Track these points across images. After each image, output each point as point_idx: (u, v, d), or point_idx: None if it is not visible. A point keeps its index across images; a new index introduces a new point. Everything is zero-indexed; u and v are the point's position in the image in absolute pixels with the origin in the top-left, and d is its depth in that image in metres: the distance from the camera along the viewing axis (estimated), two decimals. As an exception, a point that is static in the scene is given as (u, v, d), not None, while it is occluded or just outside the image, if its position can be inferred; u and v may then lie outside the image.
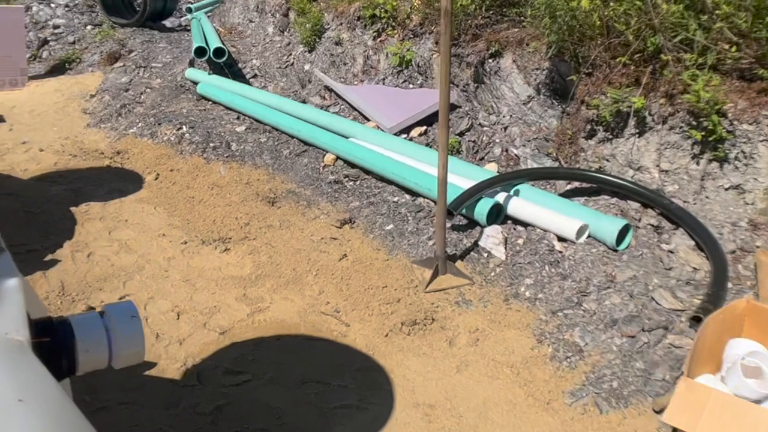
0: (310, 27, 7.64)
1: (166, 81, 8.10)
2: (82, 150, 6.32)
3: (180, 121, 6.52)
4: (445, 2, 2.82)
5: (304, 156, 5.60)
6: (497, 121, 5.12)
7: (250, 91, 7.06)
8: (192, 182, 5.38)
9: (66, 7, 10.44)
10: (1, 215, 4.63)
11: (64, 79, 9.11)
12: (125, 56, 9.01)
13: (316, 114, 6.03)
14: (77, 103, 8.10)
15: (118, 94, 7.84)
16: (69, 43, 9.88)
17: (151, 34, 10.11)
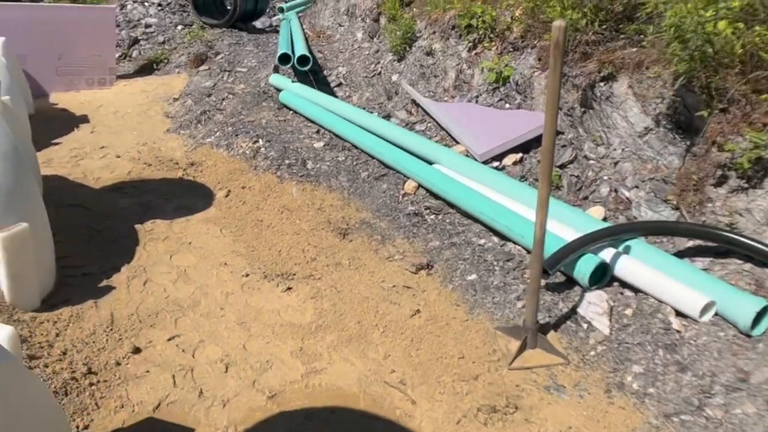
0: (400, 35, 7.24)
1: (250, 86, 7.90)
2: (158, 159, 6.15)
3: (257, 133, 6.26)
4: (556, 33, 2.31)
5: (383, 180, 5.19)
6: (606, 155, 4.53)
7: (332, 102, 6.72)
8: (262, 203, 5.08)
9: (159, 6, 10.49)
10: (65, 231, 4.46)
11: (151, 80, 9.11)
12: (211, 59, 8.90)
13: (399, 133, 5.61)
14: (160, 106, 8.02)
15: (201, 99, 7.70)
16: (159, 43, 9.90)
17: (239, 35, 10.00)
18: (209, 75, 8.45)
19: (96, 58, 8.76)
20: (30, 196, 3.65)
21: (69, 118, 7.74)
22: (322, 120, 6.47)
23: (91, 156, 6.24)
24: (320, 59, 8.56)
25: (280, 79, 7.75)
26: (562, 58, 2.44)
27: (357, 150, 5.79)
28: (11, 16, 8.30)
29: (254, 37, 10.15)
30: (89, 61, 8.75)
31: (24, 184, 3.58)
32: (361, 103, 7.24)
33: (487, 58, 5.99)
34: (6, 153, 3.50)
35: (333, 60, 8.47)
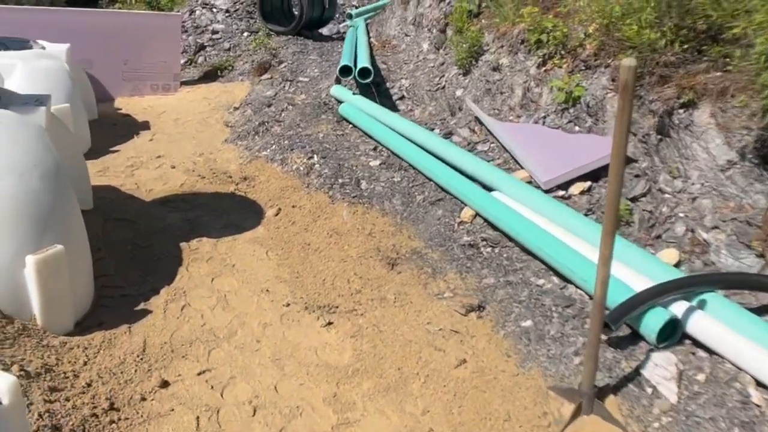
0: (466, 47, 6.97)
1: (310, 97, 7.79)
2: (212, 171, 6.09)
3: (313, 148, 6.11)
4: (625, 73, 2.02)
5: (438, 206, 4.94)
6: (683, 189, 4.15)
7: (391, 117, 6.52)
8: (312, 224, 4.91)
9: (226, 12, 10.54)
10: (108, 246, 4.41)
11: (214, 87, 9.14)
12: (274, 67, 8.84)
13: (458, 155, 5.34)
14: (221, 114, 8.00)
15: (261, 108, 7.63)
16: (224, 49, 9.93)
17: (304, 43, 9.93)
18: (271, 84, 8.39)
19: (161, 64, 8.84)
20: (69, 215, 3.57)
21: (131, 124, 7.81)
22: (379, 136, 6.27)
23: (147, 166, 6.23)
24: (384, 70, 8.39)
25: (342, 91, 7.60)
26: (632, 102, 2.15)
27: (414, 170, 5.56)
28: (81, 21, 8.46)
29: (319, 45, 10.07)
30: (154, 67, 8.84)
31: (64, 204, 3.51)
32: (423, 118, 7.01)
33: (556, 76, 5.67)
34: (47, 171, 3.43)
35: (396, 72, 8.28)
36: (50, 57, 6.49)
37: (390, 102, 7.59)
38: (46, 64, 6.30)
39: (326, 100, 7.66)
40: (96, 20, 8.59)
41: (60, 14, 8.74)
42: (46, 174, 3.41)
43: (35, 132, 3.57)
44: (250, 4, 10.87)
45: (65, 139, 4.47)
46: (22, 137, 3.45)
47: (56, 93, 6.05)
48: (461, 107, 6.81)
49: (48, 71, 6.22)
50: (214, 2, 10.76)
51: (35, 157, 3.41)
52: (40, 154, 3.48)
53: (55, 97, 6.00)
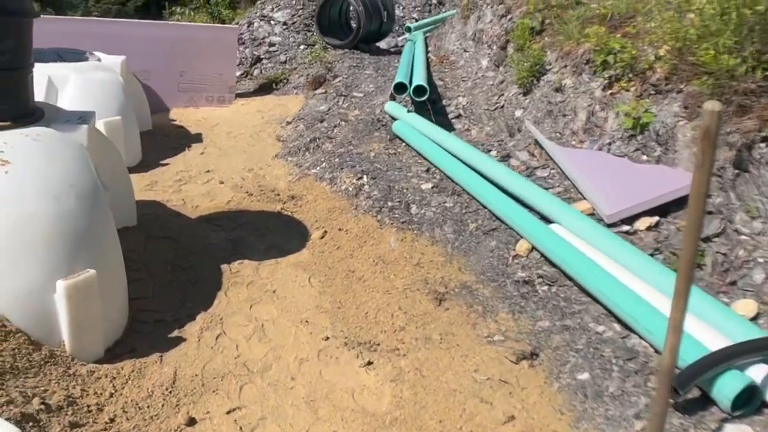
0: (528, 66, 6.71)
1: (364, 113, 7.64)
2: (260, 188, 5.98)
3: (363, 168, 5.93)
4: (708, 119, 1.75)
5: (492, 236, 4.68)
6: (763, 231, 3.80)
7: (445, 137, 6.29)
8: (357, 250, 4.73)
9: (284, 25, 10.52)
10: (148, 266, 4.31)
11: (268, 100, 9.09)
12: (329, 81, 8.74)
13: (515, 182, 5.08)
14: (273, 128, 7.93)
15: (313, 124, 7.52)
16: (280, 62, 9.90)
17: (360, 57, 9.82)
18: (325, 99, 8.28)
19: (217, 76, 8.85)
20: (105, 237, 3.47)
21: (183, 136, 7.81)
22: (432, 157, 6.06)
23: (195, 180, 6.17)
24: (440, 87, 8.18)
25: (396, 108, 7.43)
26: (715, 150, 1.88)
27: (467, 196, 5.32)
28: (140, 32, 8.54)
29: (376, 60, 9.94)
30: (210, 79, 8.86)
31: (100, 225, 3.42)
32: (480, 138, 6.76)
33: (623, 100, 5.35)
34: (84, 192, 3.34)
35: (454, 89, 8.06)
36: (105, 69, 6.51)
37: (446, 120, 7.38)
38: (100, 76, 6.32)
39: (380, 117, 7.49)
40: (155, 32, 8.66)
41: (120, 26, 8.84)
42: (83, 195, 3.32)
43: (75, 151, 3.49)
44: (308, 16, 10.84)
45: (110, 156, 4.41)
46: (61, 157, 3.37)
47: (109, 105, 6.08)
48: (520, 129, 6.54)
49: (102, 83, 6.24)
50: (272, 14, 10.77)
51: (73, 178, 3.33)
52: (79, 174, 3.39)
53: (107, 110, 6.03)
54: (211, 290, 4.20)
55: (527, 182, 5.12)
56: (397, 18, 13.99)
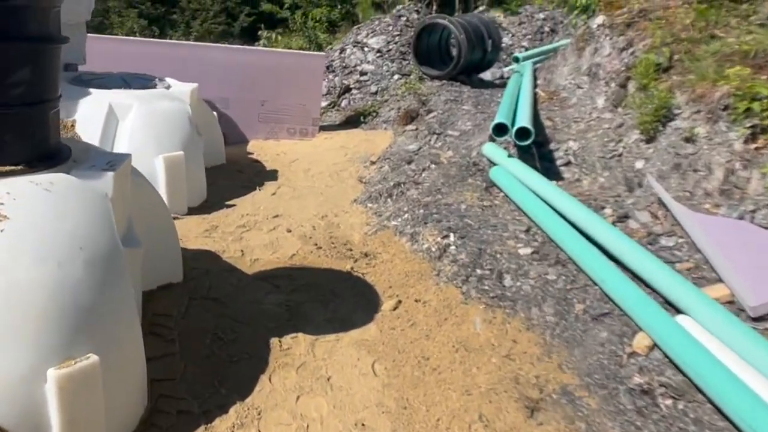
0: (652, 109, 5.90)
1: (458, 155, 7.00)
2: (331, 239, 5.44)
3: (451, 223, 5.28)
4: None
5: (603, 323, 3.90)
6: None
7: (551, 190, 5.55)
8: (435, 330, 4.06)
9: (378, 52, 10.09)
10: (184, 338, 3.80)
11: (354, 134, 8.63)
12: (422, 117, 8.18)
13: (633, 251, 4.28)
14: (356, 167, 7.43)
15: (400, 165, 6.95)
16: (371, 93, 9.45)
17: (459, 91, 9.21)
18: (415, 136, 7.71)
19: (300, 107, 8.47)
20: (118, 312, 2.96)
21: (257, 172, 7.43)
22: (534, 213, 5.33)
23: (261, 227, 5.70)
24: (548, 128, 7.43)
25: (495, 150, 6.75)
26: None
27: (574, 266, 4.56)
28: (221, 58, 8.29)
29: (476, 93, 9.30)
30: (293, 110, 8.49)
31: (112, 298, 2.91)
32: (592, 191, 5.97)
33: (776, 157, 4.49)
34: (97, 257, 2.85)
35: (564, 131, 7.29)
36: (172, 97, 6.19)
37: (553, 167, 6.62)
38: (166, 105, 6.00)
39: (476, 160, 6.83)
40: (236, 58, 8.39)
41: (198, 50, 8.65)
42: (94, 260, 2.83)
43: (94, 204, 3.02)
44: (404, 44, 10.38)
45: (150, 204, 3.97)
46: (74, 211, 2.90)
47: (172, 138, 5.73)
48: (641, 183, 5.70)
49: (166, 113, 5.91)
50: (366, 41, 10.37)
51: (84, 238, 2.84)
52: (93, 233, 2.91)
53: (169, 143, 5.68)
54: (253, 372, 3.63)
55: (648, 253, 4.30)
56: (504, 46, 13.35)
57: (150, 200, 3.98)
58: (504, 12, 18.44)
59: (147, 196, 3.96)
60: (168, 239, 4.22)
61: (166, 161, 5.64)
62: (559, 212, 5.23)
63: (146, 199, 3.93)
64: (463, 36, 9.52)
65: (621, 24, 8.03)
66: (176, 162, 5.70)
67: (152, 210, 4.00)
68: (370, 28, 10.82)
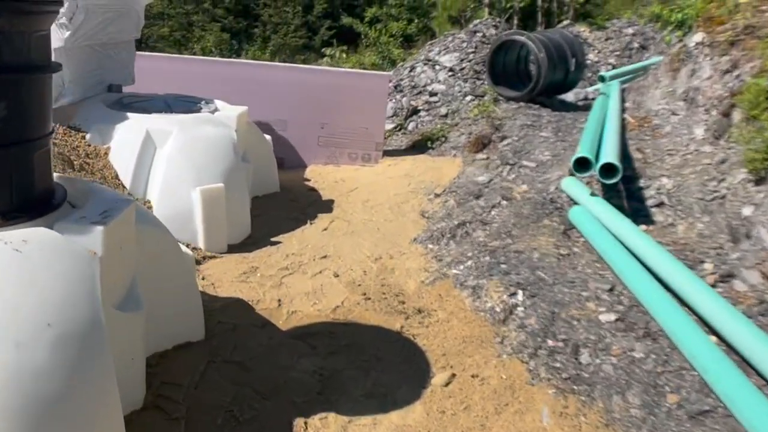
0: (763, 145, 5.08)
1: (534, 190, 6.31)
2: (383, 288, 4.86)
3: (521, 277, 4.60)
4: None
5: (703, 424, 3.15)
6: None
7: (640, 239, 4.80)
8: (492, 418, 3.39)
9: (450, 71, 9.47)
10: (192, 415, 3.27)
11: (420, 161, 8.04)
12: (495, 144, 7.51)
13: (740, 326, 3.52)
14: (419, 200, 6.83)
15: (466, 200, 6.31)
16: (440, 115, 8.83)
17: (538, 114, 8.49)
18: (486, 167, 7.05)
19: (362, 130, 7.95)
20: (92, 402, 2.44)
21: (312, 201, 6.93)
22: (619, 268, 4.59)
23: (305, 270, 5.16)
24: (638, 160, 6.64)
25: (576, 186, 6.03)
26: None
27: (667, 341, 3.80)
28: (278, 77, 7.86)
29: (557, 118, 8.55)
30: (355, 134, 7.98)
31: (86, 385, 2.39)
32: (688, 240, 5.17)
33: None
34: (67, 333, 2.32)
35: (656, 165, 6.48)
36: (216, 123, 5.75)
37: (642, 208, 5.84)
38: (208, 131, 5.55)
39: (554, 197, 6.12)
40: (295, 77, 7.95)
41: (257, 69, 8.26)
42: (64, 338, 2.31)
43: (74, 267, 2.51)
44: (479, 62, 9.73)
45: (167, 257, 3.47)
46: (47, 278, 2.40)
47: (212, 168, 5.32)
48: (749, 234, 4.87)
49: (208, 141, 5.47)
50: (438, 58, 9.78)
51: (55, 311, 2.33)
52: (66, 305, 2.40)
53: (210, 174, 5.24)
54: (267, 467, 3.07)
55: (759, 332, 3.52)
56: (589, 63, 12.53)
57: (166, 251, 3.48)
58: (590, 26, 17.59)
59: (162, 245, 3.46)
60: (187, 293, 3.72)
61: (204, 195, 5.18)
62: (648, 267, 4.48)
63: (161, 249, 3.44)
64: (543, 54, 8.81)
65: (723, 42, 7.17)
66: (215, 195, 5.24)
67: (168, 262, 3.50)
68: (443, 45, 10.22)
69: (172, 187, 5.28)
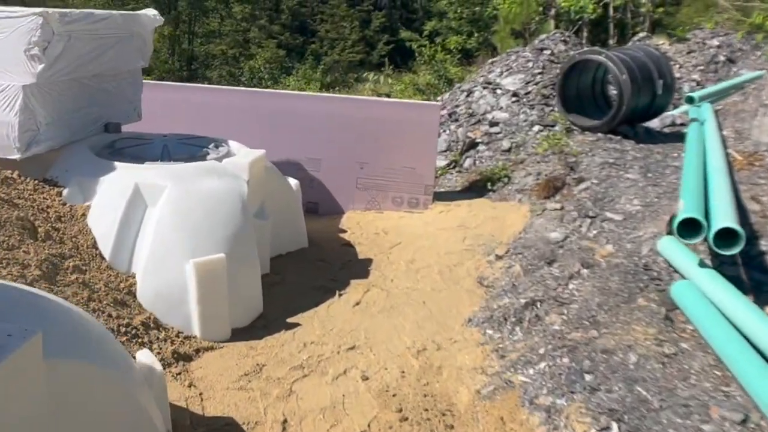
0: None
1: (622, 252, 5.10)
2: (424, 401, 3.77)
3: (614, 397, 3.39)
4: None
5: None
6: None
7: None
8: None
9: (514, 96, 8.29)
10: None
11: (478, 207, 6.88)
12: (569, 188, 6.31)
13: None
14: (477, 260, 5.68)
15: (536, 265, 5.14)
16: (502, 150, 7.66)
17: (621, 148, 7.25)
18: (560, 218, 5.84)
19: (409, 171, 6.85)
20: None
21: (345, 262, 5.85)
22: (749, 382, 3.34)
23: (325, 368, 4.07)
24: (755, 213, 5.34)
25: (677, 249, 4.79)
26: None
27: None
28: (310, 109, 6.85)
29: (644, 153, 7.27)
30: (400, 175, 6.90)
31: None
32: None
33: None
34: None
35: (781, 220, 5.18)
36: (222, 173, 4.74)
37: (766, 280, 4.56)
38: (211, 185, 4.55)
39: (648, 262, 4.90)
40: (331, 109, 6.93)
41: (286, 100, 7.26)
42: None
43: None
44: (548, 84, 8.52)
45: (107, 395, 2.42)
46: None
47: (213, 232, 4.36)
48: None
49: (209, 197, 4.47)
50: (500, 81, 8.60)
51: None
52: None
53: (209, 240, 4.28)
54: None
55: None
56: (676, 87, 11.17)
57: (106, 390, 2.42)
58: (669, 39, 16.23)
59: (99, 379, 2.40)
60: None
61: (200, 268, 4.16)
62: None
63: (90, 385, 2.38)
64: (626, 76, 7.56)
65: None
66: (214, 269, 4.21)
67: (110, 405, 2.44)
68: (505, 65, 9.06)
69: (159, 257, 4.28)
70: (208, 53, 29.66)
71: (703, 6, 19.48)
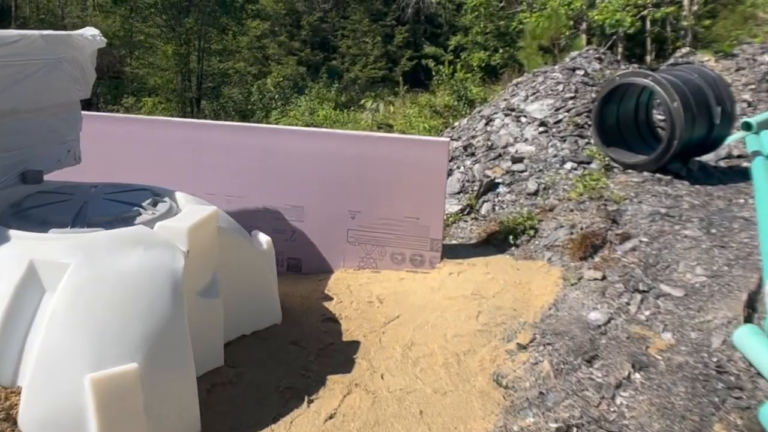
0: None
1: (685, 345, 3.92)
2: None
3: None
4: None
5: None
6: None
7: None
8: None
9: (542, 125, 7.11)
10: None
11: (497, 266, 5.71)
12: (611, 246, 5.13)
13: None
14: (493, 347, 4.55)
15: (570, 364, 3.98)
16: (528, 193, 6.48)
17: (673, 195, 6.04)
18: (601, 292, 4.65)
19: (411, 222, 5.70)
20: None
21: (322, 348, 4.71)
22: None
23: None
24: None
25: (757, 341, 3.62)
26: None
27: None
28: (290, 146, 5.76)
29: (702, 197, 6.05)
30: (400, 226, 5.76)
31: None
32: None
33: None
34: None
35: None
36: (150, 242, 3.63)
37: None
38: (131, 262, 3.44)
39: (722, 360, 3.73)
40: (314, 146, 5.80)
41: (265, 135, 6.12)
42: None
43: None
44: (582, 111, 7.32)
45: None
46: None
47: (126, 332, 3.24)
48: None
49: (125, 281, 3.36)
50: (525, 107, 7.43)
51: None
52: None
53: (121, 343, 3.20)
54: None
55: None
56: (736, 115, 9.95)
57: None
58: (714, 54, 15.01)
59: None
60: None
61: (99, 387, 3.03)
62: None
63: None
64: (678, 103, 6.36)
65: None
66: (120, 385, 3.09)
67: None
68: (531, 87, 7.90)
69: (49, 368, 3.17)
70: (222, 72, 28.97)
71: (740, 18, 18.38)
